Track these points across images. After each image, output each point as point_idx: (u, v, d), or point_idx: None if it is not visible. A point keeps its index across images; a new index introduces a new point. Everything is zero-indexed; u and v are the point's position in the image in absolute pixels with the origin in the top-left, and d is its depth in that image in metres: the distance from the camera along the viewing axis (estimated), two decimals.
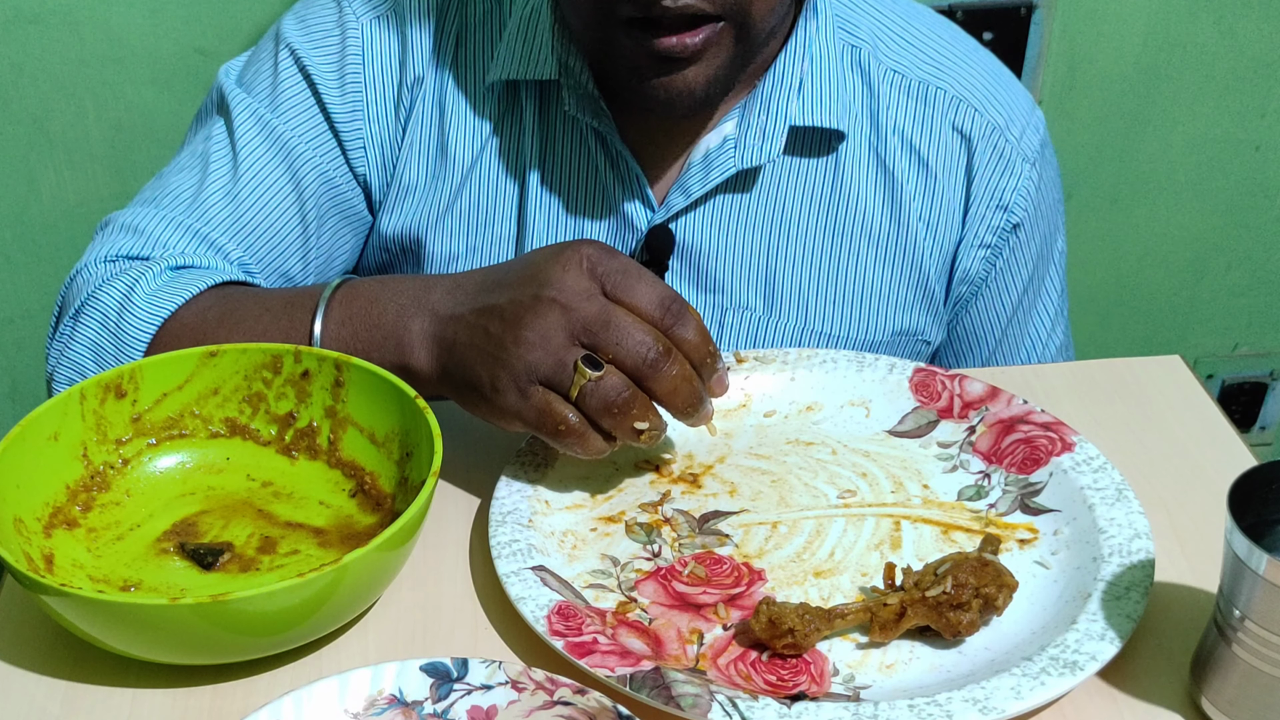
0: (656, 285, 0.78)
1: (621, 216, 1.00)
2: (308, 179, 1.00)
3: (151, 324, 0.89)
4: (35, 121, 1.50)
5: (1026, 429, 0.85)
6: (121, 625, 0.68)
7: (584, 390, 0.76)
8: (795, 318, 1.02)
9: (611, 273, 0.77)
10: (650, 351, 0.76)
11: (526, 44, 0.97)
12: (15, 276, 1.59)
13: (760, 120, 0.97)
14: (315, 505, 0.81)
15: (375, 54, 1.00)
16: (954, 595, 0.72)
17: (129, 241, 0.96)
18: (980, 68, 1.04)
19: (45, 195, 1.55)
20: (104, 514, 0.80)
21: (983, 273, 1.05)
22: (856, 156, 1.01)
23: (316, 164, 1.00)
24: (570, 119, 0.99)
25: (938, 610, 0.72)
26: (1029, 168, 1.03)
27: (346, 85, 0.99)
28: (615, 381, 0.76)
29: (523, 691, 0.67)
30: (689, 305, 0.78)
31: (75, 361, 0.91)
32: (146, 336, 0.89)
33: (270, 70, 1.00)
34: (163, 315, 0.89)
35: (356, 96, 0.99)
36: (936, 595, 0.72)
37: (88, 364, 0.91)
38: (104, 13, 1.45)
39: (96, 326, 0.91)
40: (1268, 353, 1.88)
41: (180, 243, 0.96)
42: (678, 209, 0.99)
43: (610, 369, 0.76)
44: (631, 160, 0.98)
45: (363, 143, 1.00)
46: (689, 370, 0.78)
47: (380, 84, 1.00)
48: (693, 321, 0.78)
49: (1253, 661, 0.65)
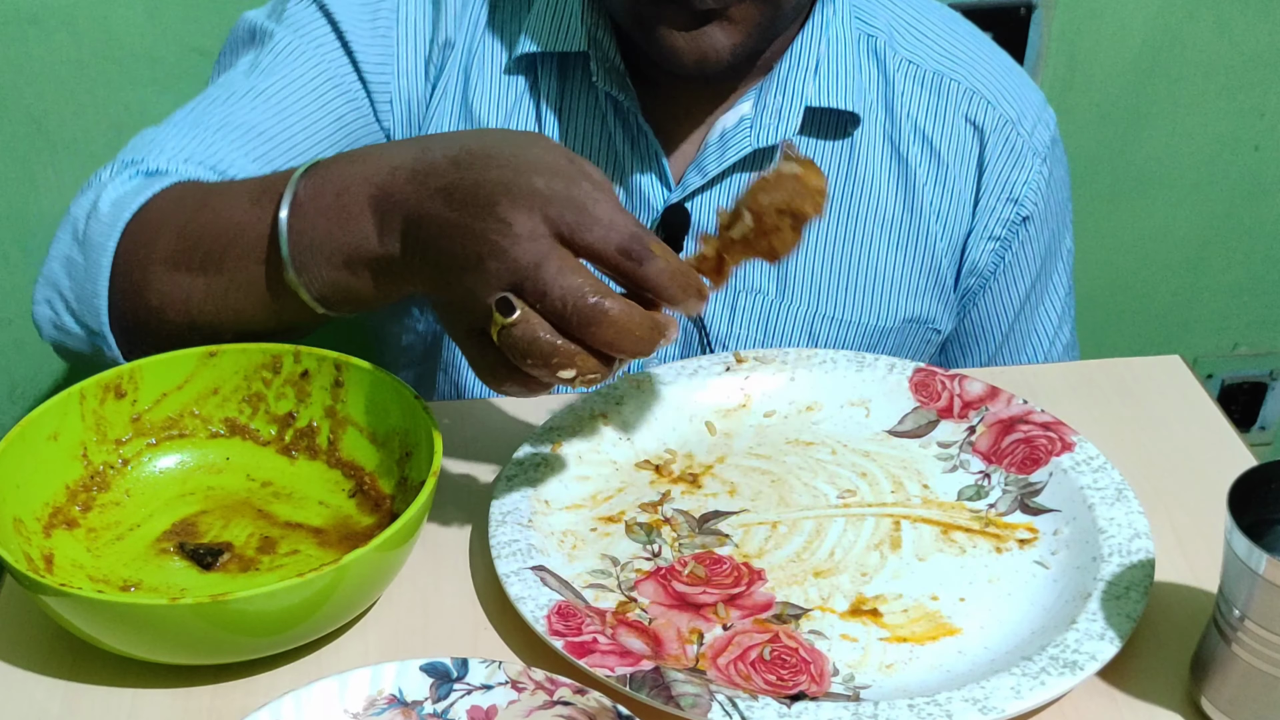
0: (614, 226, 0.70)
1: (638, 194, 1.00)
2: (331, 101, 0.97)
3: (116, 227, 0.85)
4: (34, 121, 1.50)
5: (1026, 429, 0.85)
6: (122, 625, 0.68)
7: (501, 334, 0.70)
8: (807, 301, 1.03)
9: (565, 213, 0.70)
10: (577, 299, 0.68)
11: (556, 16, 0.97)
12: (14, 276, 1.59)
13: (776, 101, 0.98)
14: (315, 505, 0.81)
15: (409, 13, 0.99)
16: (760, 224, 0.69)
17: (137, 148, 0.93)
18: (994, 62, 1.05)
19: (44, 195, 1.54)
20: (104, 514, 0.80)
21: (991, 265, 1.05)
22: (871, 141, 1.01)
23: (345, 91, 0.98)
24: (589, 96, 0.99)
25: (753, 244, 0.69)
26: (1039, 162, 1.04)
27: (378, 39, 0.98)
28: (527, 329, 0.69)
29: (522, 691, 0.67)
30: (655, 241, 0.71)
31: (49, 279, 0.87)
32: (110, 240, 0.84)
33: (296, 11, 0.99)
34: (127, 216, 0.85)
35: (387, 51, 0.99)
36: (742, 232, 0.69)
37: (61, 279, 0.87)
38: (103, 13, 1.45)
39: (69, 238, 0.87)
40: (1267, 352, 1.88)
41: (183, 144, 0.91)
42: (694, 188, 0.99)
43: (527, 314, 0.69)
44: (652, 136, 0.98)
45: (390, 98, 0.99)
46: (635, 315, 0.69)
47: (412, 41, 0.99)
48: (657, 262, 0.70)
49: (1253, 661, 0.65)
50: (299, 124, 0.96)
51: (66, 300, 0.87)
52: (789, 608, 0.75)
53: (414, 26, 0.99)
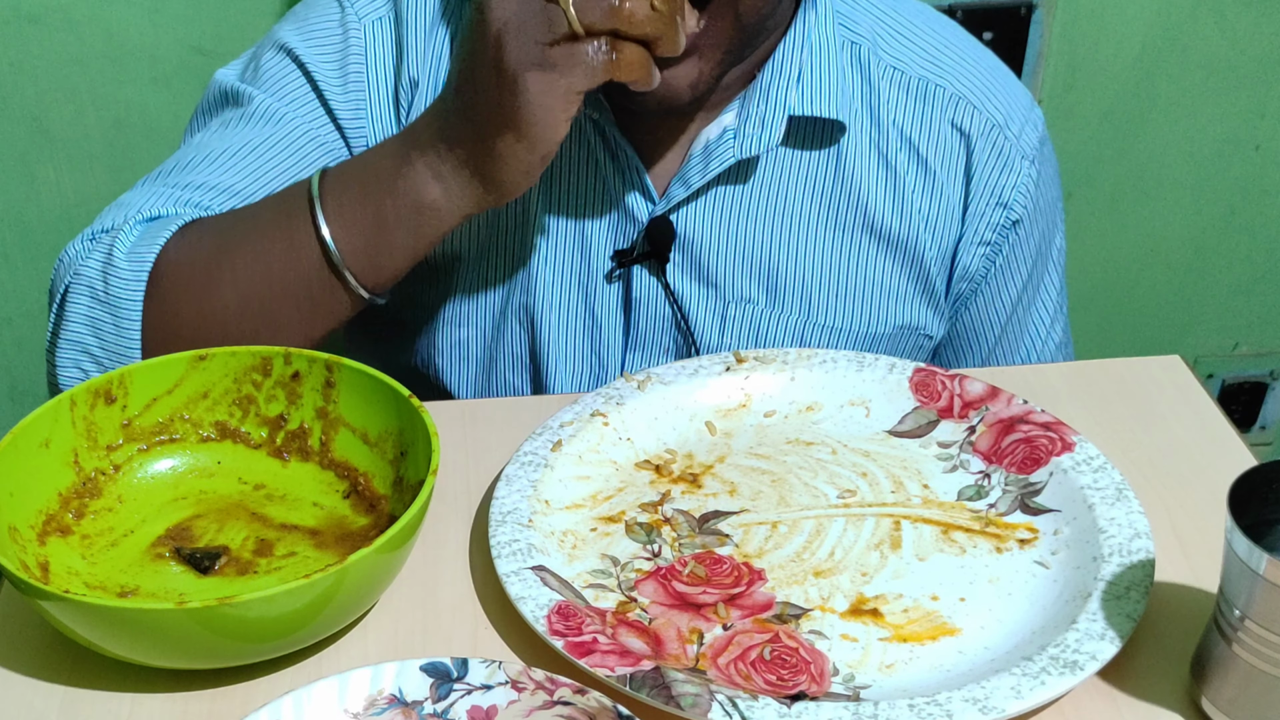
0: None
1: (622, 208, 1.00)
2: (309, 153, 0.98)
3: (139, 279, 0.88)
4: (34, 120, 1.50)
5: (1026, 429, 0.85)
6: (125, 631, 0.67)
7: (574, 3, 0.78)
8: (798, 311, 1.02)
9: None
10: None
11: None
12: (15, 276, 1.59)
13: (759, 110, 0.97)
14: (309, 507, 0.81)
15: (375, 55, 0.99)
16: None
17: (109, 216, 0.94)
18: (979, 65, 1.04)
19: (45, 194, 1.55)
20: (97, 520, 0.79)
21: (983, 270, 1.05)
22: (858, 150, 1.01)
23: (322, 142, 0.99)
24: None
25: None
26: (1028, 165, 1.03)
27: (349, 85, 0.99)
28: None
29: (523, 691, 0.67)
30: None
31: (75, 341, 0.90)
32: (138, 294, 0.88)
33: (269, 68, 1.00)
34: (147, 266, 0.88)
35: (359, 96, 0.99)
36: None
37: (89, 340, 0.89)
38: (103, 12, 1.45)
39: (87, 301, 0.89)
40: (1268, 352, 1.88)
41: (163, 205, 0.93)
42: (678, 200, 0.99)
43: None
44: (631, 152, 0.98)
45: (366, 140, 1.00)
46: None
47: (381, 84, 1.00)
48: None
49: (1253, 661, 0.65)
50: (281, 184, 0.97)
51: (97, 359, 0.90)
52: (789, 608, 0.75)
53: (381, 70, 1.00)
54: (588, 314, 1.02)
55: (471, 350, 1.05)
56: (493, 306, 1.03)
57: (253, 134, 0.97)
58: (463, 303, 1.03)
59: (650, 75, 0.83)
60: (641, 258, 1.00)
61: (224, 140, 0.97)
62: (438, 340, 1.05)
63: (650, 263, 1.00)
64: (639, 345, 1.03)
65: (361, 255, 0.88)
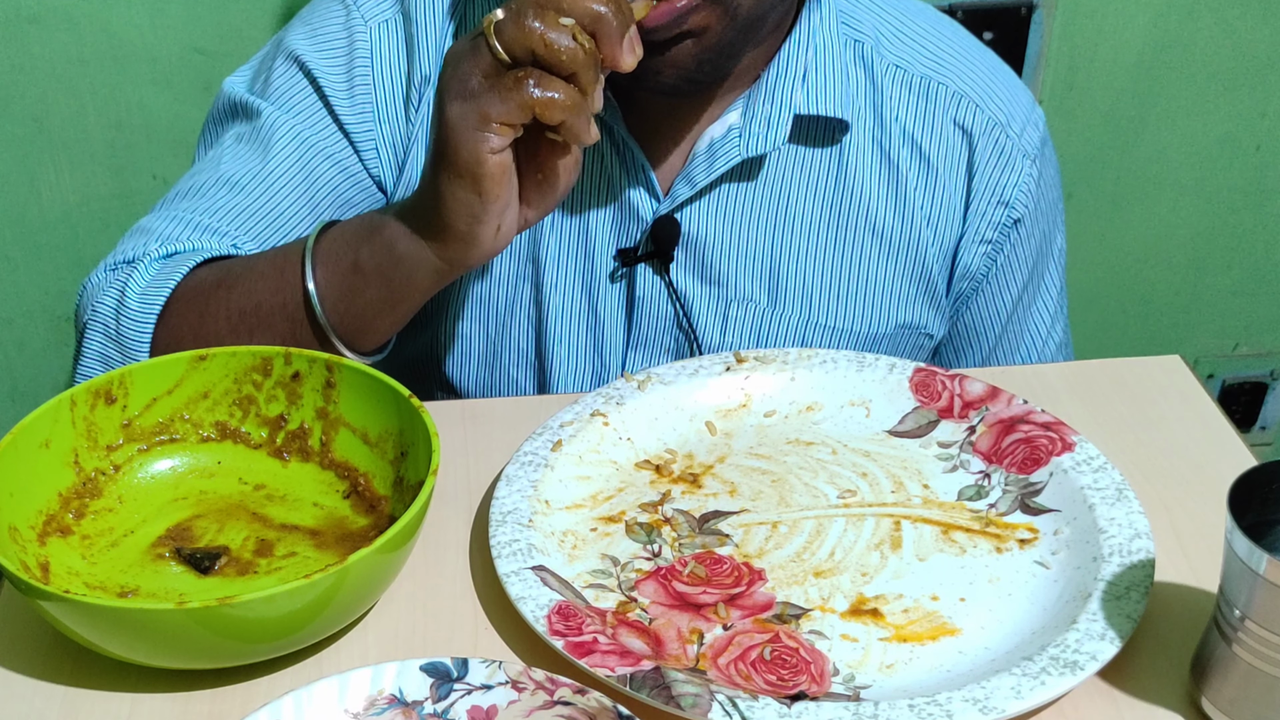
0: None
1: (627, 206, 1.00)
2: (320, 170, 0.99)
3: (147, 321, 0.90)
4: (35, 121, 1.50)
5: (1026, 429, 0.85)
6: (126, 631, 0.67)
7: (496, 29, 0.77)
8: (799, 310, 1.02)
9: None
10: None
11: None
12: (15, 276, 1.59)
13: (765, 109, 0.97)
14: (309, 507, 0.81)
15: (383, 56, 1.00)
16: None
17: (132, 244, 0.96)
18: (981, 64, 1.04)
19: (45, 195, 1.55)
20: (97, 521, 0.79)
21: (983, 269, 1.05)
22: (860, 148, 1.01)
23: (331, 155, 0.99)
24: None
25: None
26: (1029, 164, 1.03)
27: (355, 90, 0.99)
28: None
29: (523, 691, 0.67)
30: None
31: (90, 375, 0.92)
32: (145, 336, 0.90)
33: (277, 78, 1.00)
34: (156, 308, 0.90)
35: (366, 100, 0.99)
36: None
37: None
38: (104, 12, 1.45)
39: (100, 337, 0.91)
40: (1268, 352, 1.88)
41: (180, 233, 0.95)
42: (683, 199, 0.99)
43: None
44: (637, 149, 0.98)
45: (375, 144, 1.00)
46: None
47: (389, 85, 1.00)
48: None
49: (1253, 661, 0.65)
50: (293, 203, 0.98)
51: None
52: (789, 608, 0.75)
53: (389, 70, 1.00)
54: (590, 312, 1.02)
55: (476, 345, 1.05)
56: (498, 302, 1.03)
57: (263, 153, 0.98)
58: (468, 298, 1.03)
59: (580, 123, 0.78)
60: (646, 257, 1.00)
61: (235, 160, 0.99)
62: (443, 335, 1.05)
63: (654, 262, 1.00)
64: (640, 344, 1.03)
65: (339, 304, 0.88)
